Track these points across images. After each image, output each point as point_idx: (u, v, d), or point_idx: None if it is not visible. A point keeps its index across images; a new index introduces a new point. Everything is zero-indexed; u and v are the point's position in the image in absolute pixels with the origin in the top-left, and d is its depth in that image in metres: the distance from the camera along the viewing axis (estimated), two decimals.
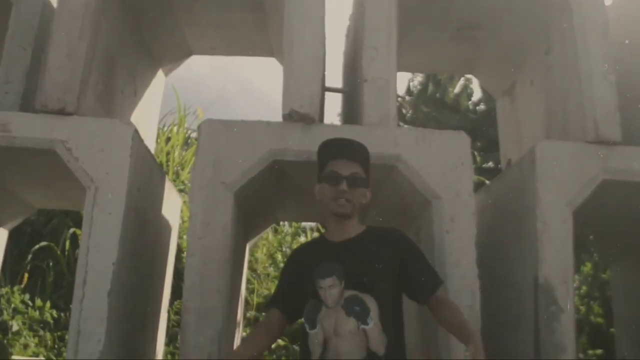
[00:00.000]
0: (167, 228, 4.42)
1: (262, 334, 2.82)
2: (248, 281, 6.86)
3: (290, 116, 3.48)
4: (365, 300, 2.58)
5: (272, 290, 7.05)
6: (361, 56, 3.69)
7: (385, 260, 2.66)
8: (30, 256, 6.69)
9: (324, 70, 3.71)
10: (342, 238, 2.73)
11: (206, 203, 3.38)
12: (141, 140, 3.66)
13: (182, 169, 8.25)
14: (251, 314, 6.58)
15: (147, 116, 4.75)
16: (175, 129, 8.76)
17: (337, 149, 2.84)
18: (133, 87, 4.44)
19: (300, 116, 3.47)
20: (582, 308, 6.74)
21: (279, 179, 3.77)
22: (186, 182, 8.10)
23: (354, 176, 2.73)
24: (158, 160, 7.96)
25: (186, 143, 9.07)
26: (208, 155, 3.45)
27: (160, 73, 4.98)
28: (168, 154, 8.30)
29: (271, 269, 7.73)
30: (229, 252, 3.35)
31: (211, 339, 3.21)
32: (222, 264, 3.32)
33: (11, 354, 5.60)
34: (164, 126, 8.85)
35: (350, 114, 4.17)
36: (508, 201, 3.88)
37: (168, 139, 8.47)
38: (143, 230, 3.79)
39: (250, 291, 7.02)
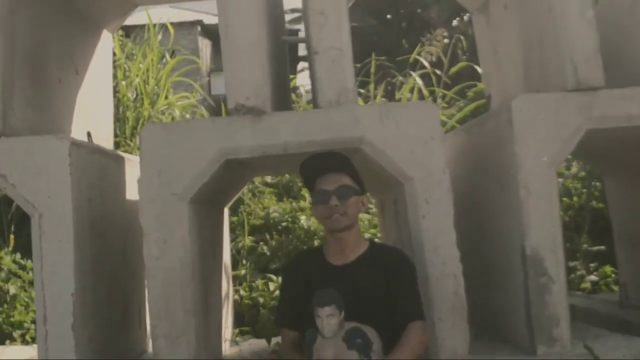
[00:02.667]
0: (136, 211, 4.17)
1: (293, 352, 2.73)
2: (244, 203, 6.64)
3: (237, 110, 3.13)
4: (367, 333, 2.48)
5: (271, 210, 6.85)
6: (309, 23, 3.27)
7: (383, 288, 2.57)
8: (10, 217, 6.48)
9: (269, 49, 3.29)
10: (343, 261, 2.64)
11: (159, 219, 3.13)
12: (81, 148, 3.32)
13: (160, 89, 7.60)
14: (249, 240, 6.38)
15: (97, 83, 4.34)
16: (147, 48, 8.07)
17: (318, 165, 2.73)
18: (73, 67, 4.01)
19: (248, 109, 3.12)
20: (584, 192, 6.47)
21: (242, 167, 3.48)
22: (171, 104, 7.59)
23: (343, 188, 2.64)
24: (137, 79, 7.37)
25: (163, 57, 8.39)
26: (152, 165, 3.14)
27: (105, 34, 4.52)
28: (145, 72, 7.68)
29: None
30: (192, 267, 3.13)
31: None
32: (186, 281, 3.11)
33: (12, 316, 5.56)
34: (135, 41, 8.24)
35: None
36: (488, 156, 3.58)
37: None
38: (106, 235, 3.56)
39: (248, 213, 6.79)
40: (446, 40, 9.58)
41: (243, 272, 5.59)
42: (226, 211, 4.41)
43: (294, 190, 7.12)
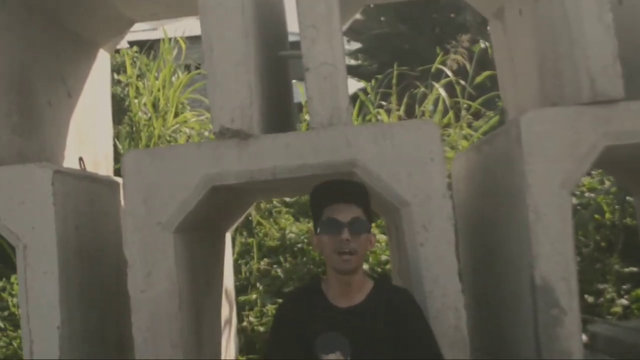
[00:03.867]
0: None
1: None
2: (258, 223, 6.48)
3: (222, 134, 2.97)
4: None
5: (287, 231, 6.66)
6: (300, 38, 3.09)
7: (392, 335, 2.34)
8: None
9: (260, 67, 3.12)
10: (347, 303, 2.39)
11: (143, 249, 2.99)
12: (66, 175, 3.20)
13: (171, 106, 7.41)
14: (264, 262, 6.21)
15: (93, 105, 4.24)
16: (162, 63, 7.91)
17: (332, 192, 2.47)
18: (65, 89, 3.91)
19: (233, 132, 2.95)
20: (617, 208, 6.10)
21: (237, 192, 3.33)
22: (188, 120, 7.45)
23: (357, 221, 2.38)
24: (145, 98, 7.19)
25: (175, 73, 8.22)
26: (136, 192, 3.00)
27: (101, 53, 4.42)
28: (159, 89, 7.52)
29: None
30: (179, 299, 2.99)
31: None
32: (172, 314, 2.97)
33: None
34: (152, 57, 8.12)
35: None
36: (498, 176, 3.34)
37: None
38: (97, 263, 3.44)
39: (264, 234, 6.63)
40: (482, 45, 9.22)
41: (254, 296, 5.41)
42: (228, 236, 4.25)
43: None
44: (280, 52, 3.72)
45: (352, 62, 16.02)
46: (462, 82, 6.78)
